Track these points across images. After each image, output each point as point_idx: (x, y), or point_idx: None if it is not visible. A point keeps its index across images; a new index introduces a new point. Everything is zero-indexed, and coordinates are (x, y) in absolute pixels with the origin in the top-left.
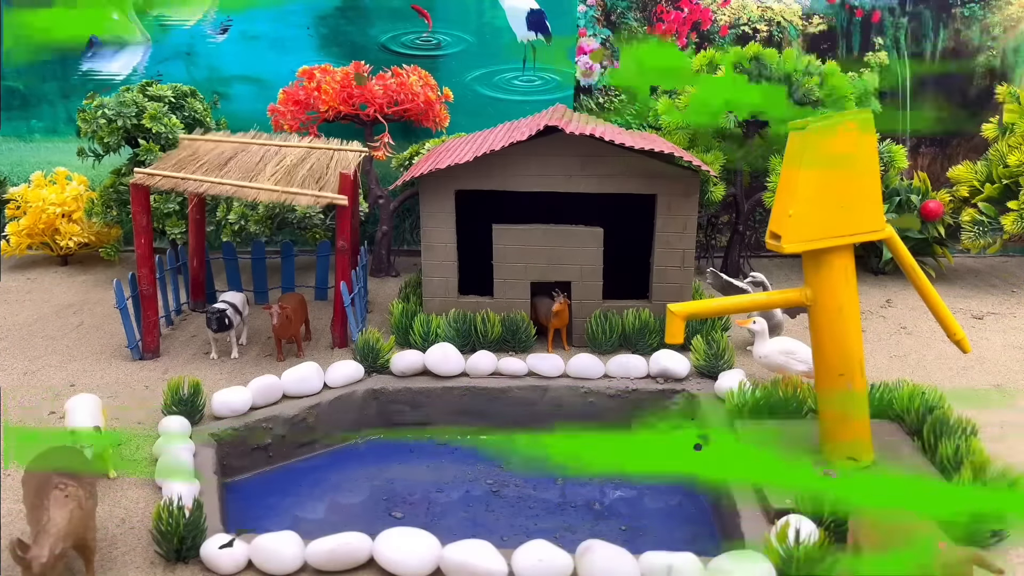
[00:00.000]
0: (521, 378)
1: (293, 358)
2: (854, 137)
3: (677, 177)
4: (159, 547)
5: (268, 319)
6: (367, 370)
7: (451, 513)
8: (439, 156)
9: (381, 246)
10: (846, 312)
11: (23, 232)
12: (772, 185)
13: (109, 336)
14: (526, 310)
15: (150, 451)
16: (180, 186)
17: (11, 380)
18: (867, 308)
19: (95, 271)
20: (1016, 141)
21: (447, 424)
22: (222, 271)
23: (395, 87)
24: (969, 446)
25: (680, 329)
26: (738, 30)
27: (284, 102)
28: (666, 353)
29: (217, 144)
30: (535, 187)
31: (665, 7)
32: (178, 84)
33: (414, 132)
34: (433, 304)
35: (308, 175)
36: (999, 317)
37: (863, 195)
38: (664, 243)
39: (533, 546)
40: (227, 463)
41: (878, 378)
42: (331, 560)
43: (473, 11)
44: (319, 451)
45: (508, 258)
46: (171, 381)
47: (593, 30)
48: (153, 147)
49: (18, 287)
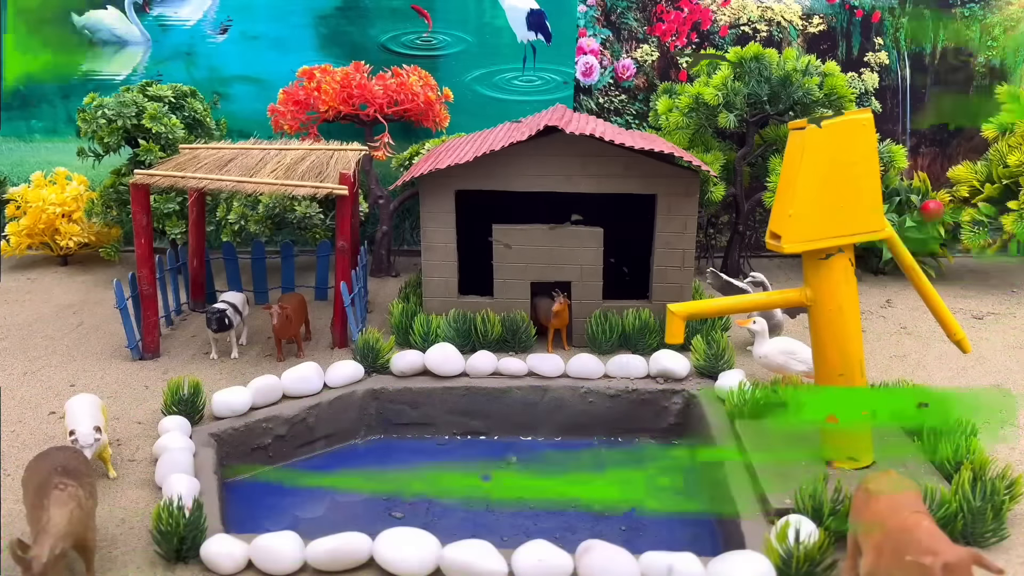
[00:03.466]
0: (521, 378)
1: (293, 358)
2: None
3: (677, 177)
4: (159, 547)
5: (268, 319)
6: (367, 370)
7: (451, 513)
8: (439, 156)
9: (381, 246)
10: (846, 312)
11: (23, 232)
12: (772, 185)
13: (109, 336)
14: (526, 310)
15: (150, 451)
16: (180, 183)
17: (11, 380)
18: (867, 308)
19: (95, 271)
20: (1016, 141)
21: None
22: (222, 271)
23: (395, 87)
24: (968, 446)
25: (680, 329)
26: (738, 30)
27: (284, 102)
28: (666, 353)
29: (218, 150)
30: (535, 187)
31: (665, 7)
32: (178, 84)
33: (414, 132)
34: (433, 304)
35: (308, 171)
36: (999, 317)
37: (863, 195)
38: (664, 243)
39: (533, 546)
40: (227, 463)
41: (878, 378)
42: (331, 560)
43: (473, 11)
44: (319, 451)
45: (508, 258)
46: (171, 381)
47: (593, 30)
48: (153, 147)
49: (18, 287)
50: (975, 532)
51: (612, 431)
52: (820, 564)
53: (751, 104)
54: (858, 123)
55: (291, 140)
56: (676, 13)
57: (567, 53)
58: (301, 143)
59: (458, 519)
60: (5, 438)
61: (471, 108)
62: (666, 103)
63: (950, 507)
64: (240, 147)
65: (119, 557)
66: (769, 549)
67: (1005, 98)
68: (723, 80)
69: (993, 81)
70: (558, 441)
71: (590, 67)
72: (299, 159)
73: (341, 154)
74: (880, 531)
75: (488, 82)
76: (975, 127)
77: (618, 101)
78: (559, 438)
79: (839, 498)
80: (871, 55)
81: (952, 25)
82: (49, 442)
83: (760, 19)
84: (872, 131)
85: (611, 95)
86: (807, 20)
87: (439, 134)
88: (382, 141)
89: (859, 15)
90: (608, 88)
